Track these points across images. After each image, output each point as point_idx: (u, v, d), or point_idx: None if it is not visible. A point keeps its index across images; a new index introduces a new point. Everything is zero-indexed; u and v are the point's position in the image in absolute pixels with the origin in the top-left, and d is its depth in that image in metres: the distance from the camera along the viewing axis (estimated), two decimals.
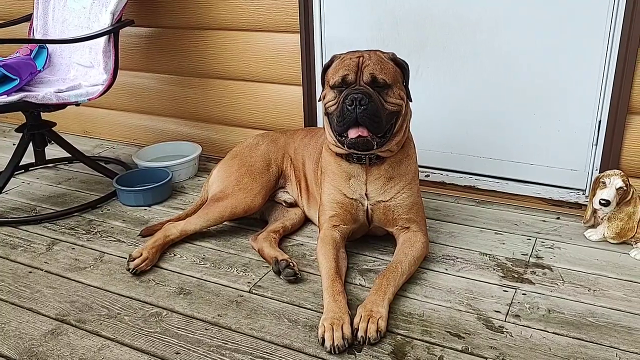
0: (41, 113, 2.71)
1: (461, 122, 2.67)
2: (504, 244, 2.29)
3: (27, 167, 3.18)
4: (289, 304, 1.88)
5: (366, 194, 2.08)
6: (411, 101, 2.05)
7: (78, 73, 2.83)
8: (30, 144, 2.77)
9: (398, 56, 2.00)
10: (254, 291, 1.97)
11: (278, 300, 1.91)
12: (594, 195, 2.17)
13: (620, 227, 2.13)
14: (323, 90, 2.03)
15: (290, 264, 2.05)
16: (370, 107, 1.83)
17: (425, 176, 2.81)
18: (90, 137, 3.75)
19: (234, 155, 2.53)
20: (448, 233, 2.38)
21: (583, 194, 2.50)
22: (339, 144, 1.97)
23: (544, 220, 2.47)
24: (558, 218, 2.48)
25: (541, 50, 2.39)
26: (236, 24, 2.98)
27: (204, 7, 3.02)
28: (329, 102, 1.94)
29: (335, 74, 1.91)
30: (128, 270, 2.11)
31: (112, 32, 2.61)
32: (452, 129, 2.70)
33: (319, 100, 2.03)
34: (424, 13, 2.56)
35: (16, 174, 3.14)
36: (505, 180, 2.66)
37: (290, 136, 2.58)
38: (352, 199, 2.09)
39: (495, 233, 2.38)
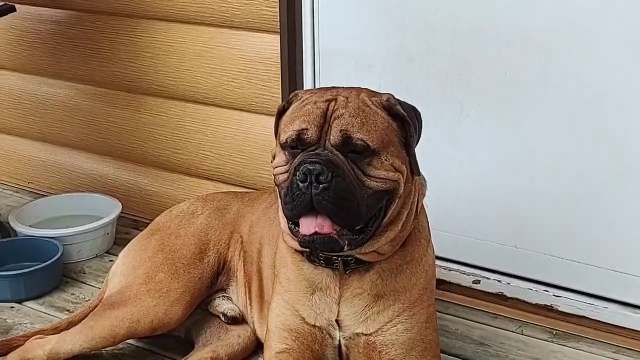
0: None
1: (531, 195, 2.67)
2: None
3: None
4: None
5: (338, 321, 2.06)
6: (418, 174, 2.03)
7: None
8: None
9: (400, 100, 1.98)
10: None
11: None
12: None
13: None
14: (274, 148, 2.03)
15: None
16: (336, 187, 1.82)
17: (474, 282, 2.81)
18: None
19: (154, 230, 2.58)
20: None
21: None
22: (293, 235, 1.97)
23: None
24: None
25: None
26: (187, 13, 3.08)
27: None
28: (278, 167, 1.96)
29: (289, 125, 1.94)
30: None
31: None
32: (517, 206, 2.70)
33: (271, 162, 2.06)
34: (471, 24, 2.60)
35: None
36: (603, 301, 2.63)
37: (249, 203, 2.61)
38: (314, 326, 2.08)
39: None
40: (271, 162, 2.03)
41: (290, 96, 2.07)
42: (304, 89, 2.86)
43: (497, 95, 2.63)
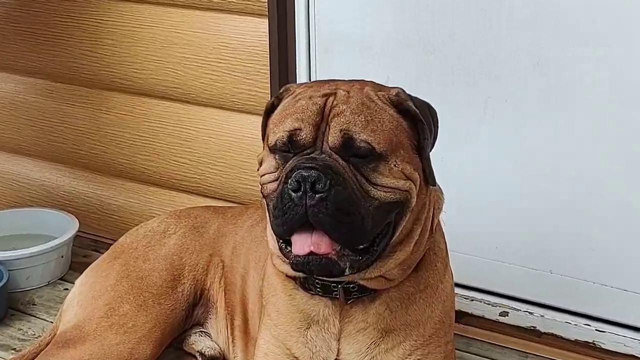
0: None
1: (569, 209, 2.69)
2: None
3: None
4: None
5: None
6: (433, 184, 2.03)
7: None
8: None
9: (412, 95, 2.00)
10: None
11: None
12: None
13: None
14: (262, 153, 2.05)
15: None
16: (335, 197, 1.82)
17: (501, 314, 2.83)
18: None
19: (118, 253, 2.60)
20: None
21: None
22: (284, 256, 1.99)
23: None
24: None
25: None
26: None
27: None
28: (266, 174, 1.97)
29: (279, 125, 1.95)
30: None
31: None
32: (552, 222, 2.71)
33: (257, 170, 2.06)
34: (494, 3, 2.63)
35: None
36: None
37: (231, 220, 2.63)
38: None
39: None
40: (258, 169, 2.04)
41: (281, 91, 2.07)
42: (297, 82, 2.88)
43: (527, 90, 2.65)
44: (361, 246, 1.92)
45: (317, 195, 1.82)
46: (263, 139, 2.07)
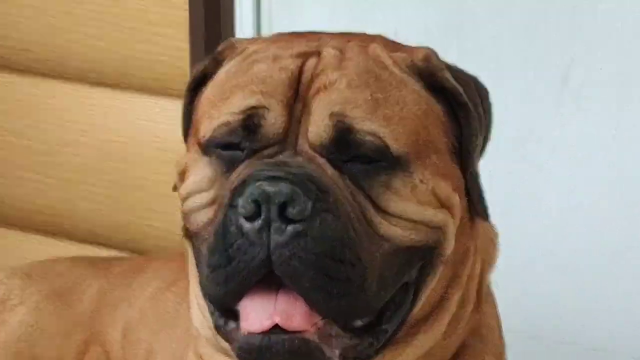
0: None
1: None
2: None
3: None
4: None
5: None
6: (485, 217, 2.03)
7: None
8: None
9: (448, 63, 2.00)
10: None
11: None
12: None
13: None
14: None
15: None
16: (321, 232, 1.75)
17: None
18: None
19: None
20: None
21: None
22: (224, 338, 1.97)
23: None
24: None
25: None
26: None
27: None
28: (196, 194, 1.92)
29: (222, 103, 1.90)
30: None
31: None
32: None
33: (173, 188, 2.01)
34: None
35: None
36: None
37: (121, 280, 2.64)
38: None
39: None
40: (176, 188, 2.01)
41: (221, 48, 2.04)
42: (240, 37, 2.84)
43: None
44: (360, 322, 1.86)
45: (289, 227, 1.75)
46: (186, 134, 2.04)
